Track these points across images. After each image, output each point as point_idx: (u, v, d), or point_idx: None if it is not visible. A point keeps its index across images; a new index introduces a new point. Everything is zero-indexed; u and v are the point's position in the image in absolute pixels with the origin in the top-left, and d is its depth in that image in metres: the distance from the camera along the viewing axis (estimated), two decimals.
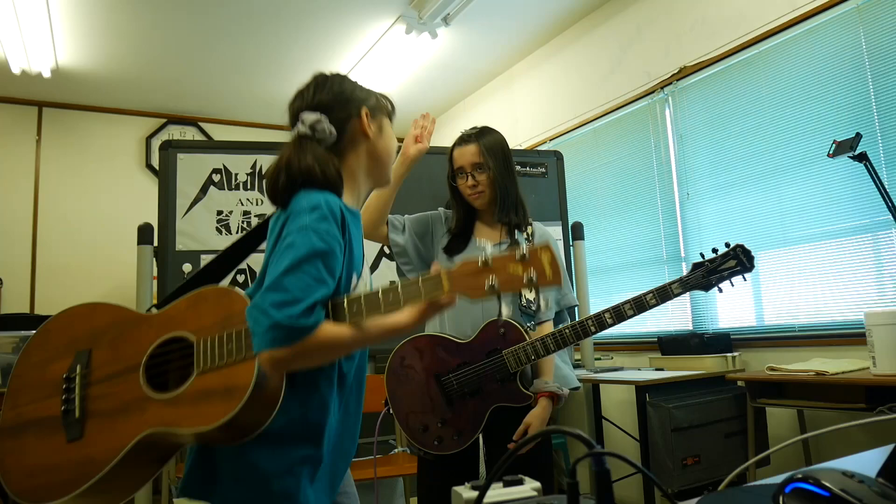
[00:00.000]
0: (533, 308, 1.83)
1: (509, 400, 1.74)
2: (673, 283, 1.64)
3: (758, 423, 2.56)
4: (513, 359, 1.73)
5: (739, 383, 2.69)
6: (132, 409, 1.11)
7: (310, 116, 1.18)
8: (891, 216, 2.23)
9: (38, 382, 1.20)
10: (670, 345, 3.14)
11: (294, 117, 1.21)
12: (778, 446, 0.77)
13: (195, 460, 1.13)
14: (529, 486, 0.51)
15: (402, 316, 1.10)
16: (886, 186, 2.26)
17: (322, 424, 1.13)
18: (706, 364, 2.88)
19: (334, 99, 1.22)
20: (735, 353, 2.93)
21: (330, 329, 1.03)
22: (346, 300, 1.06)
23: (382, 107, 1.31)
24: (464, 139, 1.92)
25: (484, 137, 1.90)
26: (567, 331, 1.72)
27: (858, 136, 2.26)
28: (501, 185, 1.87)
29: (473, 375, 1.76)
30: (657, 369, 3.10)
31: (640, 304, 1.64)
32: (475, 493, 0.48)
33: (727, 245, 1.65)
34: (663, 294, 1.63)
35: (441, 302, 1.06)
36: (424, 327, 1.88)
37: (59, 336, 1.23)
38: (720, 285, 1.65)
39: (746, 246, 1.64)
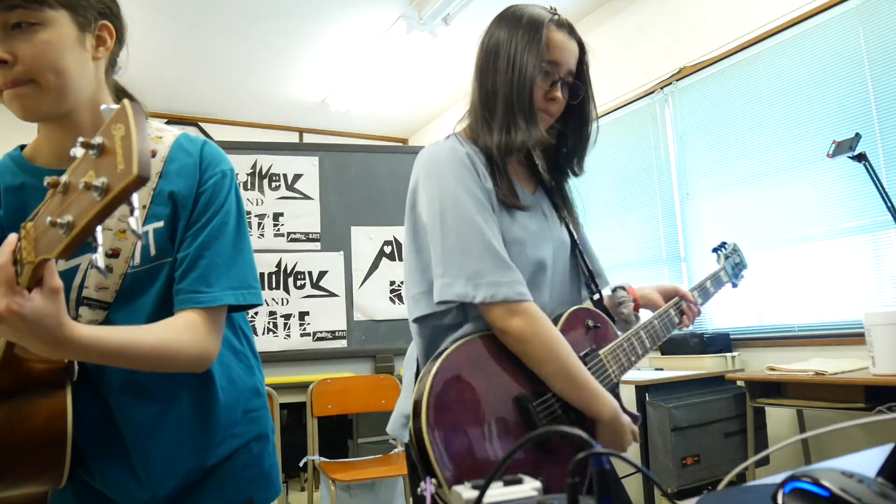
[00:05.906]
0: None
1: None
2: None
3: (757, 423, 2.57)
4: (614, 364, 1.13)
5: (739, 383, 2.70)
6: None
7: None
8: (890, 216, 2.23)
9: None
10: (670, 344, 3.14)
11: None
12: (777, 446, 0.77)
13: None
14: (529, 486, 0.51)
15: None
16: (886, 186, 2.27)
17: None
18: (706, 364, 2.88)
19: None
20: (734, 353, 2.93)
21: None
22: None
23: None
24: (569, 27, 1.18)
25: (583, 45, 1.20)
26: (656, 322, 1.23)
27: (858, 136, 2.26)
28: (589, 129, 1.23)
29: None
30: (657, 369, 3.10)
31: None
32: (475, 493, 0.48)
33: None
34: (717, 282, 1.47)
35: None
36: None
37: None
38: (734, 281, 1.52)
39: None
